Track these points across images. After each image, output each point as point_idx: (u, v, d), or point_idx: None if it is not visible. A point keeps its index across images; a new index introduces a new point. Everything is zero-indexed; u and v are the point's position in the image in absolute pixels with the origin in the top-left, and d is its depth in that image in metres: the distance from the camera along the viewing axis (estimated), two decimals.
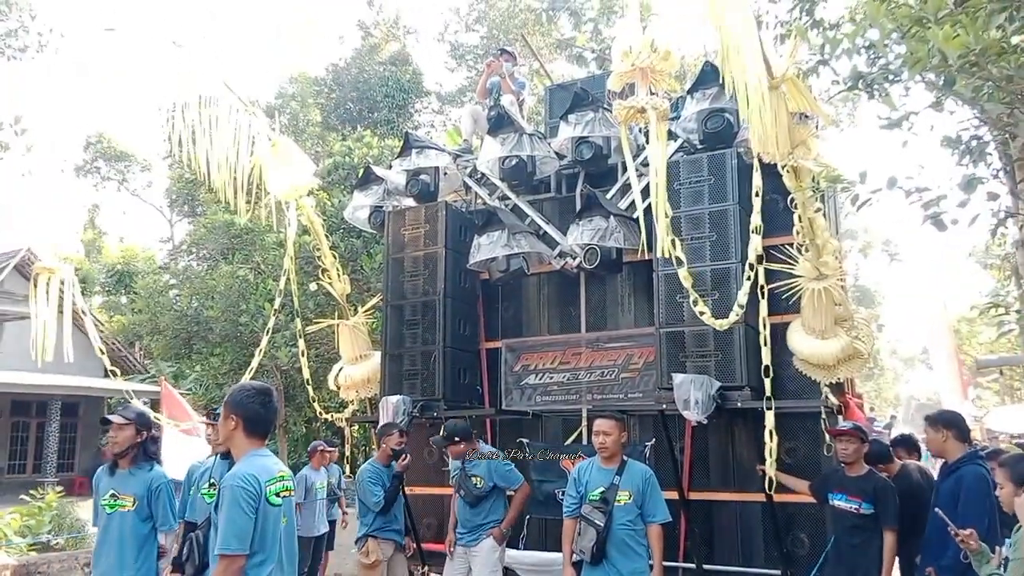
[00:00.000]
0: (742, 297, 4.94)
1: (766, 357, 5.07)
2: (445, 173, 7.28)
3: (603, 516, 4.53)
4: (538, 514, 6.31)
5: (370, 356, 7.38)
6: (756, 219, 5.07)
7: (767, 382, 5.05)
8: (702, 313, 4.96)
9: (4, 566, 7.07)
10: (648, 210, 4.93)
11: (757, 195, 5.10)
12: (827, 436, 5.30)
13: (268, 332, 7.55)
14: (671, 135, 5.89)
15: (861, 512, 4.68)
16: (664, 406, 5.51)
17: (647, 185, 4.83)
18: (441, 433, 5.64)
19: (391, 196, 7.49)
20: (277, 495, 3.08)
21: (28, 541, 8.60)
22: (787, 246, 5.23)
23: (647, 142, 5.36)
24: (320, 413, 7.79)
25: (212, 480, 4.28)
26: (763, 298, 5.15)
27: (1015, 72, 2.93)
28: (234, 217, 14.50)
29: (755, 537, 5.66)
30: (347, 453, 8.55)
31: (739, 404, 5.28)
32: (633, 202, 6.01)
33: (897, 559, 4.82)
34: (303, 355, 7.65)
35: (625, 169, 6.54)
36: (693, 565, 5.68)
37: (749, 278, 4.96)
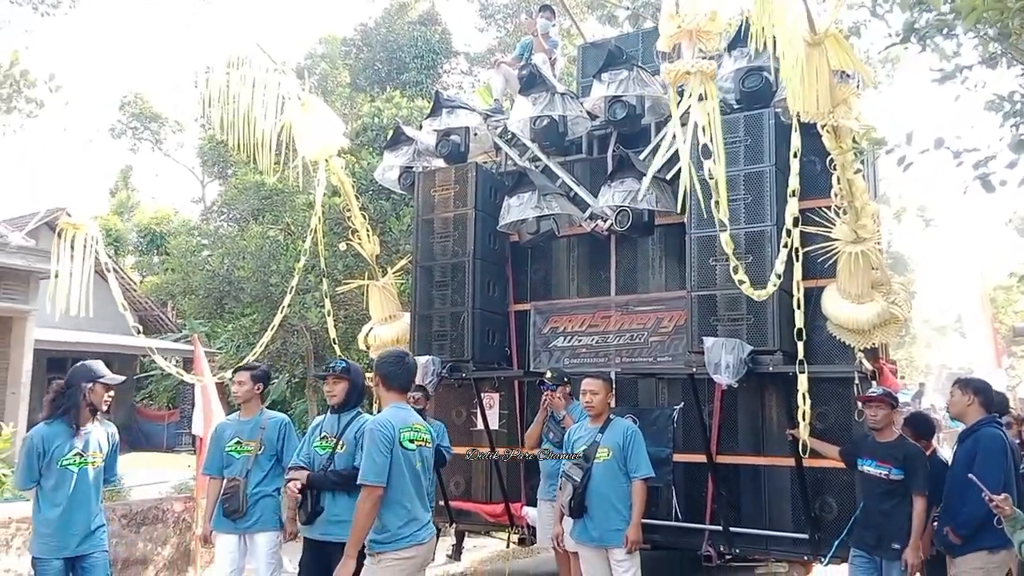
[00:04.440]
0: (779, 266, 4.82)
1: (799, 320, 4.99)
2: (475, 134, 7.22)
3: (580, 472, 4.69)
4: None
5: (399, 317, 7.42)
6: (794, 182, 4.95)
7: (800, 345, 4.98)
8: (741, 282, 4.85)
9: None
10: (681, 172, 4.83)
11: (796, 156, 4.98)
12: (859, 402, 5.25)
13: (291, 291, 7.52)
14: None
15: (891, 478, 4.64)
16: (694, 369, 5.47)
17: (687, 145, 4.72)
18: (551, 375, 5.62)
19: (421, 157, 7.45)
20: (411, 441, 3.61)
21: None
22: (824, 208, 5.12)
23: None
24: None
25: (324, 433, 4.40)
26: (798, 261, 5.06)
27: None
28: (264, 178, 14.53)
29: (783, 501, 5.65)
30: (375, 411, 8.60)
31: (771, 368, 5.24)
32: (666, 163, 5.91)
33: None
34: (329, 315, 7.67)
35: (658, 129, 6.44)
36: (720, 527, 5.70)
37: (786, 245, 4.85)
